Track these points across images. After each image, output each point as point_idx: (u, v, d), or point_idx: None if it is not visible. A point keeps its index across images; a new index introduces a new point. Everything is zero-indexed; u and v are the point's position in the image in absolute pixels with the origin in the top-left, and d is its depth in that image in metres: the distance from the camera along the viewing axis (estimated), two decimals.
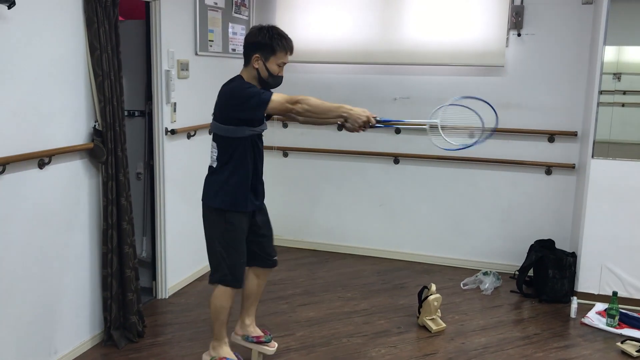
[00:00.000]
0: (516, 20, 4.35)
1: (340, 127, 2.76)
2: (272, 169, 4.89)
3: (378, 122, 2.75)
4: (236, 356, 2.97)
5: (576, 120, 4.36)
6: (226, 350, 2.96)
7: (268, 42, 2.72)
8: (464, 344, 3.47)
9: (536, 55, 4.39)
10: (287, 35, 2.80)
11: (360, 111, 2.69)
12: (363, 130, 2.76)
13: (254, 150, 2.84)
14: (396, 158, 4.81)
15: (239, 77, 2.82)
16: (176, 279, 4.14)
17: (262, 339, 3.14)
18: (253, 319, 3.19)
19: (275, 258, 3.11)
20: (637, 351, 3.35)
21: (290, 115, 2.84)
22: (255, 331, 3.17)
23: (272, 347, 3.16)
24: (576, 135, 4.36)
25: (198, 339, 3.44)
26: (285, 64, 2.81)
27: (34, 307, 2.88)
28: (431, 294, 3.65)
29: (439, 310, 3.70)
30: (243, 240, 2.89)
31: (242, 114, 2.70)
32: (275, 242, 5.06)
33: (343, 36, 4.72)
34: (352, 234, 5.05)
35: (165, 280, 3.99)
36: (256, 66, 2.76)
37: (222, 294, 2.89)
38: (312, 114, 2.69)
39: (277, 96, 2.65)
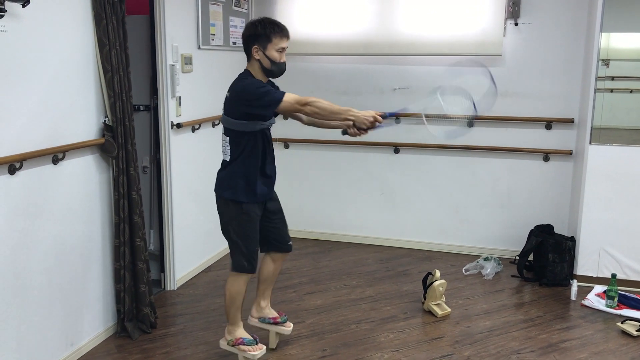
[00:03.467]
0: (513, 9, 4.42)
1: (344, 132, 2.85)
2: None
3: (385, 117, 2.80)
4: (252, 336, 3.07)
5: (573, 107, 4.44)
6: (241, 332, 3.07)
7: (261, 31, 2.81)
8: (469, 327, 3.56)
9: (533, 43, 4.47)
10: (279, 22, 2.87)
11: (367, 114, 2.77)
12: (365, 133, 2.83)
13: (265, 143, 2.92)
14: (396, 148, 4.88)
15: (248, 73, 2.88)
16: (184, 271, 4.20)
17: (279, 320, 3.25)
18: (268, 301, 3.29)
19: (290, 243, 3.21)
20: (637, 330, 3.45)
21: (297, 115, 3.01)
22: (272, 313, 3.27)
23: (288, 327, 3.27)
24: (573, 122, 4.45)
25: (210, 329, 3.50)
26: (284, 49, 2.87)
27: (50, 300, 2.93)
28: (436, 280, 3.73)
29: (443, 295, 3.79)
30: (257, 229, 2.98)
31: (253, 110, 2.78)
32: None
33: (342, 27, 4.77)
34: (354, 223, 5.13)
35: (174, 272, 4.05)
36: (257, 57, 2.84)
37: (237, 280, 2.99)
38: (320, 116, 2.78)
39: (289, 97, 2.73)
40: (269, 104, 2.73)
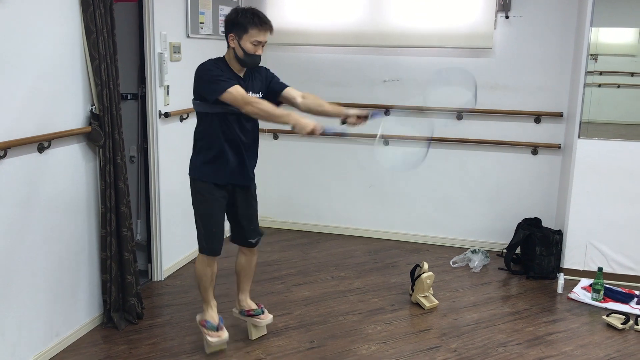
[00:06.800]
0: (504, 2, 4.41)
1: (343, 122, 2.88)
2: (263, 151, 4.85)
3: (323, 133, 2.76)
4: (218, 321, 3.09)
5: (562, 101, 4.45)
6: (209, 314, 3.11)
7: (240, 20, 2.80)
8: (456, 319, 3.57)
9: (523, 37, 4.46)
10: (262, 14, 2.83)
11: (309, 122, 2.70)
12: (364, 122, 2.97)
13: (229, 127, 2.89)
14: (386, 140, 4.87)
15: (221, 59, 2.90)
16: (171, 261, 4.17)
17: (252, 313, 3.26)
18: (246, 295, 3.31)
19: (250, 240, 3.18)
20: (622, 324, 3.48)
21: (293, 102, 3.04)
22: (248, 305, 3.29)
23: (262, 319, 3.28)
24: (562, 115, 4.46)
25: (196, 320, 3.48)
26: (261, 42, 2.82)
27: (35, 290, 2.90)
28: (424, 272, 3.73)
29: (431, 287, 3.79)
30: (217, 211, 2.98)
31: (200, 91, 2.84)
32: (267, 224, 5.15)
33: (333, 18, 4.74)
34: (343, 215, 5.12)
35: (161, 263, 4.02)
36: (232, 45, 2.85)
37: (200, 262, 3.06)
38: (259, 117, 2.80)
39: (235, 90, 2.73)
40: (213, 90, 2.75)
